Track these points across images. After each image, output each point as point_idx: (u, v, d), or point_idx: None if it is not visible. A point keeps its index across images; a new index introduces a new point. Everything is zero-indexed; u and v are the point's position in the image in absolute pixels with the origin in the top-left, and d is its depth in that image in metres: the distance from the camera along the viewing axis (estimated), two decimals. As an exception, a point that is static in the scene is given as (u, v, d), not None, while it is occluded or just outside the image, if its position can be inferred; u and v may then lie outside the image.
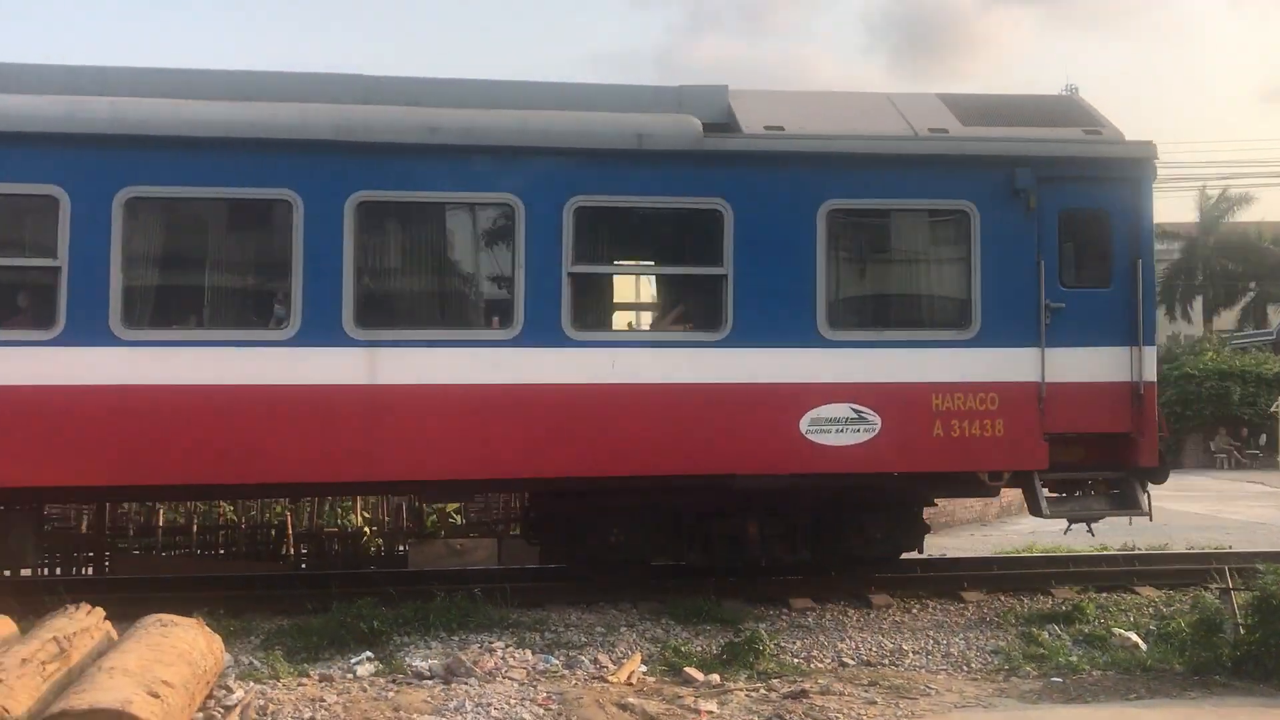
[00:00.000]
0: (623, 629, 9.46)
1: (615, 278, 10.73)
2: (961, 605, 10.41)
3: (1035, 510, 10.34)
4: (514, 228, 9.62)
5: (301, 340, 9.30)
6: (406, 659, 8.34)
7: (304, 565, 12.73)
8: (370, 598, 9.36)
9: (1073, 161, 10.31)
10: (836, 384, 9.82)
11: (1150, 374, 10.24)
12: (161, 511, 12.81)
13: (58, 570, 12.13)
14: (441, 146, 9.61)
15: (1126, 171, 10.38)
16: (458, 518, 13.46)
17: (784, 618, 9.99)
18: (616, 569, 10.48)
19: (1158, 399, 10.38)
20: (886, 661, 8.85)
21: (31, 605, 8.49)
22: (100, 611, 7.00)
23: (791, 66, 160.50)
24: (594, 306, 10.13)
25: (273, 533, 13.01)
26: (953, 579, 11.11)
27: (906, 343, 10.04)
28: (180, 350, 9.25)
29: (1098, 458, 10.34)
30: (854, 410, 9.80)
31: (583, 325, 9.72)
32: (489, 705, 7.12)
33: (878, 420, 9.83)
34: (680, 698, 7.53)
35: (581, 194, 9.70)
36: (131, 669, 5.78)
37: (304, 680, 7.77)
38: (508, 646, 8.65)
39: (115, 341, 9.08)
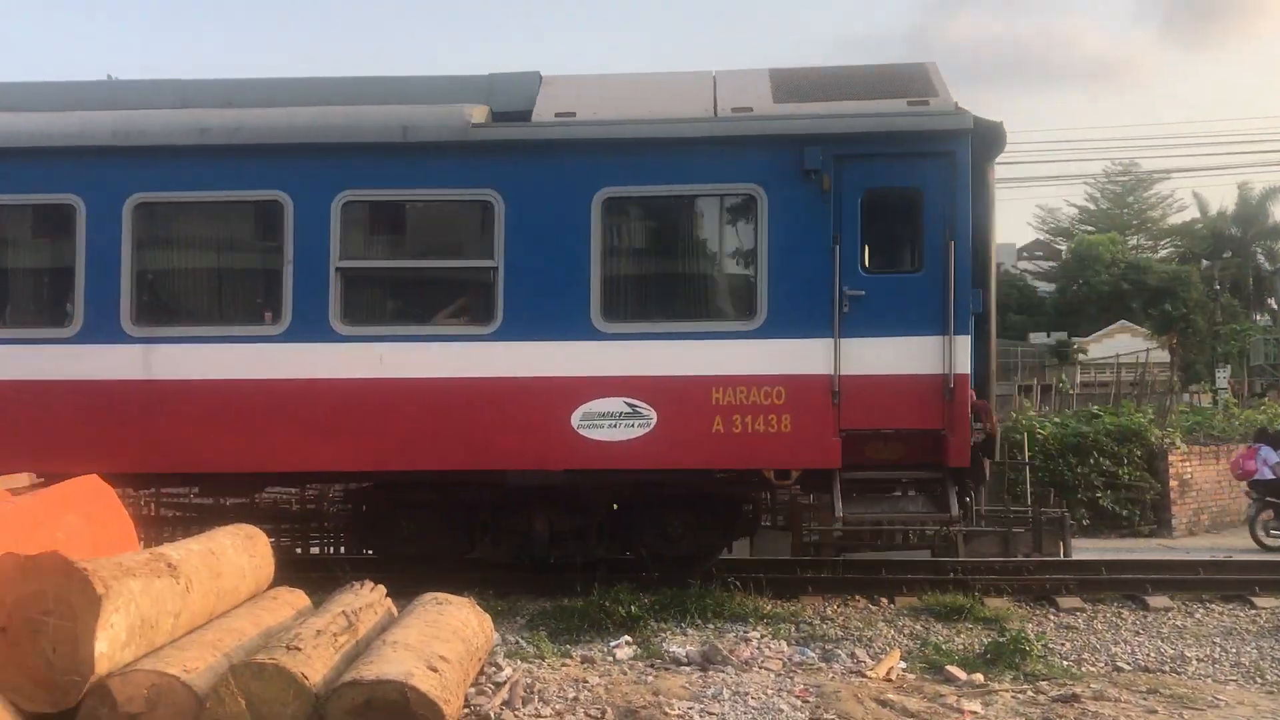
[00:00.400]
0: (880, 625, 9.29)
1: (386, 272, 10.38)
2: (1253, 611, 9.64)
3: (833, 512, 9.51)
4: (283, 223, 9.73)
5: (83, 338, 9.78)
6: (663, 645, 8.48)
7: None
8: (628, 583, 9.58)
9: (877, 137, 9.47)
10: (610, 378, 9.50)
11: (962, 365, 9.29)
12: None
13: (341, 549, 13.06)
14: (212, 147, 9.79)
15: (940, 146, 9.42)
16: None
17: (1051, 618, 9.56)
18: (420, 561, 10.27)
19: (986, 393, 9.51)
20: (1167, 668, 8.29)
21: (319, 582, 9.15)
22: (381, 589, 7.39)
23: (1052, 41, 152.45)
24: (364, 301, 10.08)
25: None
26: (1242, 583, 10.33)
27: (684, 334, 9.58)
28: None
29: (918, 456, 9.44)
30: (628, 405, 9.46)
31: (352, 320, 9.75)
32: (746, 694, 7.12)
33: (653, 415, 9.45)
34: (942, 696, 7.29)
35: (350, 188, 9.76)
36: (412, 644, 6.10)
37: (567, 661, 8.02)
38: (763, 637, 8.67)
39: None
